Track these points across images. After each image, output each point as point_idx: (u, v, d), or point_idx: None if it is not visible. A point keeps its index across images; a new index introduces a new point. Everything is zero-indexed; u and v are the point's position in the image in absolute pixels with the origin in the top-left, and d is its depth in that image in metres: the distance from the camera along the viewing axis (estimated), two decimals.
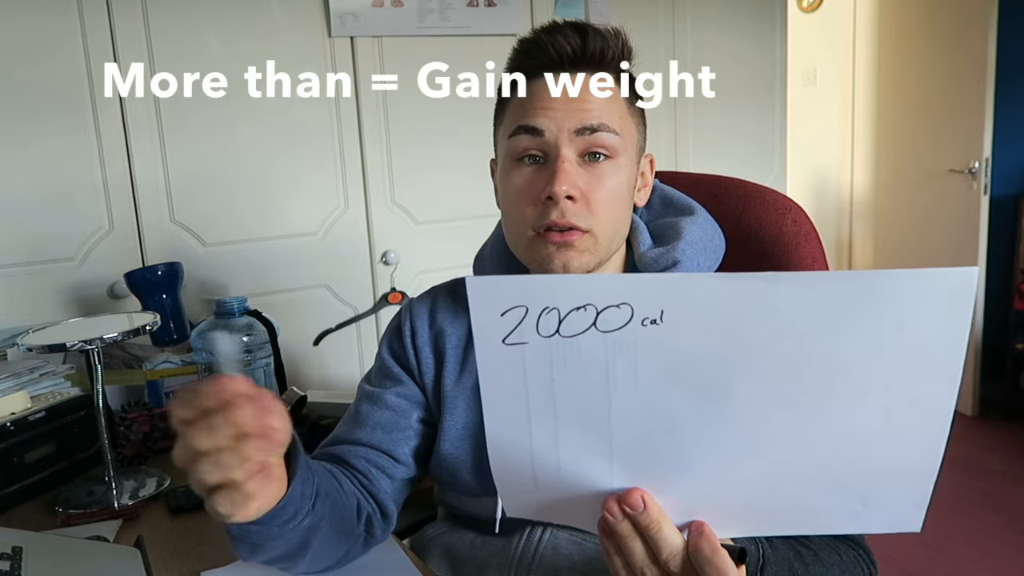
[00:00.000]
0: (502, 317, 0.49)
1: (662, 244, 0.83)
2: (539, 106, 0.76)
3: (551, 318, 0.48)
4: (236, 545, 0.68)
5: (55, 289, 1.66)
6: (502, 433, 0.53)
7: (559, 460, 0.53)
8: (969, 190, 2.99)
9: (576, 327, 0.48)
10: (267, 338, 1.27)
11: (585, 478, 0.54)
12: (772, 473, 0.51)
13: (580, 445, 0.52)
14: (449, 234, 2.06)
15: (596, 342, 0.49)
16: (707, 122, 2.41)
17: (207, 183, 1.79)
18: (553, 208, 0.74)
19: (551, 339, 0.49)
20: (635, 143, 0.81)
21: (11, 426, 1.02)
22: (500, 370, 0.50)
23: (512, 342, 0.49)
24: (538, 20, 2.10)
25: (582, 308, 0.48)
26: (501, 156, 0.82)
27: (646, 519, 0.52)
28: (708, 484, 0.52)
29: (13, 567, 0.75)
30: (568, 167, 0.74)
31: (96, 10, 1.64)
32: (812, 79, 3.81)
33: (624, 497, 0.53)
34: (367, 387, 0.90)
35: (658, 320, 0.47)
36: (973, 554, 2.13)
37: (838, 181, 3.74)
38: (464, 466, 0.84)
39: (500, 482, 0.56)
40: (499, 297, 0.48)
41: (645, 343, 0.48)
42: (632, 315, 0.47)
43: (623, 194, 0.78)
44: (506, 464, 0.54)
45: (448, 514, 0.94)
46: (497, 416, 0.52)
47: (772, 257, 0.96)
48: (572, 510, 0.56)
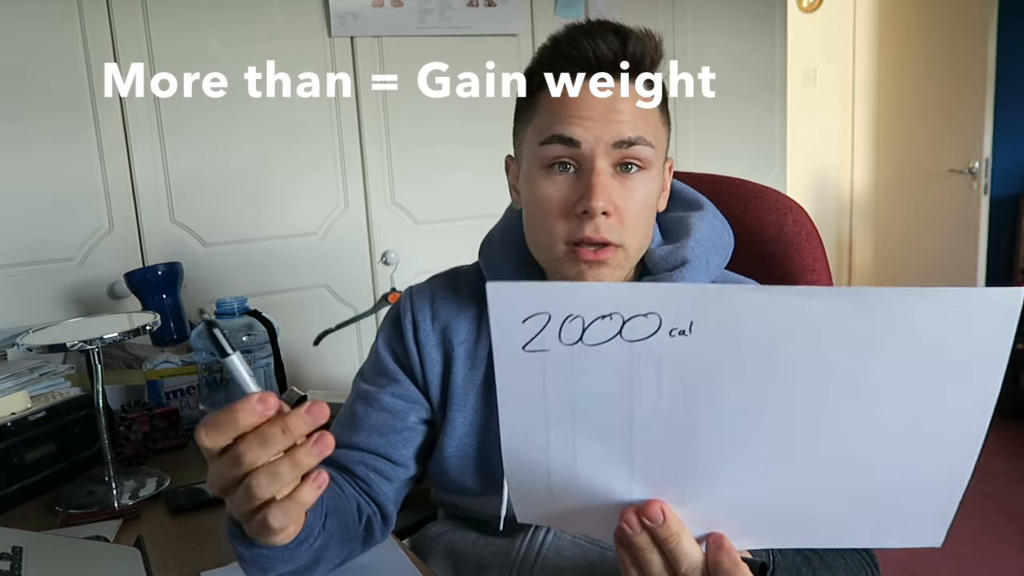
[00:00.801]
0: (523, 324, 0.47)
1: (671, 240, 0.82)
2: (575, 114, 0.72)
3: (575, 326, 0.47)
4: (246, 567, 0.68)
5: (55, 289, 1.66)
6: (519, 440, 0.52)
7: (577, 469, 0.52)
8: (969, 190, 2.99)
9: (600, 335, 0.47)
10: (267, 338, 1.27)
11: (603, 488, 0.53)
12: (794, 486, 0.50)
13: (599, 455, 0.51)
14: (449, 234, 2.05)
15: (621, 351, 0.47)
16: (707, 122, 2.41)
17: (207, 183, 1.79)
18: (588, 223, 0.72)
19: (574, 347, 0.48)
20: (663, 152, 0.79)
21: (11, 426, 1.02)
22: (519, 377, 0.49)
23: (532, 349, 0.48)
24: (538, 20, 2.10)
25: (608, 317, 0.46)
26: (528, 159, 0.78)
27: (665, 531, 0.51)
28: (728, 496, 0.51)
29: (13, 567, 0.75)
30: (604, 180, 0.72)
31: (96, 10, 1.64)
32: (812, 79, 3.81)
33: (643, 509, 0.51)
34: (362, 385, 0.87)
35: (687, 331, 0.46)
36: (975, 554, 2.13)
37: (838, 181, 3.74)
38: (469, 465, 0.83)
39: (514, 489, 0.55)
40: (521, 303, 0.47)
41: (672, 354, 0.47)
42: (660, 325, 0.46)
43: (651, 205, 0.77)
44: (522, 472, 0.53)
45: (449, 514, 0.93)
46: (514, 423, 0.51)
47: (773, 257, 0.96)
48: (588, 519, 0.55)
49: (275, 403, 0.52)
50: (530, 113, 0.78)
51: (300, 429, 0.52)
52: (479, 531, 0.87)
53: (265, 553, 0.64)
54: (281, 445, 0.51)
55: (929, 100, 3.13)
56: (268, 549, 0.63)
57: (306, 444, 0.52)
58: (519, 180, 0.81)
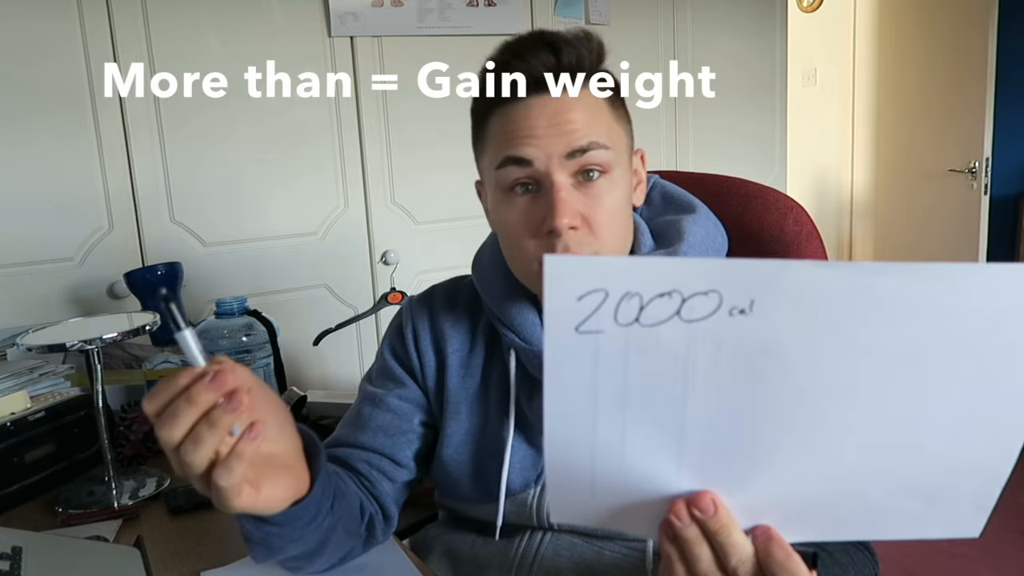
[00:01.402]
0: (579, 301, 0.44)
1: (663, 245, 0.82)
2: (522, 134, 0.72)
3: (632, 304, 0.44)
4: (253, 548, 0.67)
5: (55, 289, 1.66)
6: (562, 431, 0.49)
7: (623, 460, 0.49)
8: (969, 190, 2.99)
9: (658, 316, 0.44)
10: (267, 338, 1.27)
11: (649, 480, 0.50)
12: (846, 473, 0.48)
13: (648, 444, 0.48)
14: (449, 234, 2.05)
15: (679, 332, 0.44)
16: (707, 122, 2.41)
17: (207, 183, 1.79)
18: (557, 241, 0.71)
19: (629, 328, 0.45)
20: (625, 149, 0.78)
21: (11, 426, 1.02)
22: (568, 360, 0.46)
23: (586, 330, 0.45)
24: (538, 20, 2.10)
25: (667, 295, 0.44)
26: (490, 185, 0.78)
27: (716, 523, 0.49)
28: (779, 486, 0.49)
29: (13, 567, 0.74)
30: (565, 195, 0.70)
31: (96, 10, 1.63)
32: (812, 79, 3.81)
33: (694, 500, 0.50)
34: (369, 388, 0.89)
35: (747, 310, 0.43)
36: (974, 554, 2.13)
37: (838, 181, 3.74)
38: (465, 473, 0.83)
39: (553, 486, 0.52)
40: (579, 279, 0.44)
41: (731, 334, 0.44)
42: (720, 303, 0.43)
43: (623, 206, 0.76)
44: (564, 465, 0.50)
45: (450, 515, 0.94)
46: (559, 411, 0.48)
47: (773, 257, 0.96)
48: (630, 516, 0.53)
49: (191, 374, 0.54)
50: (483, 142, 0.78)
51: (205, 397, 0.53)
52: (478, 532, 0.87)
53: (275, 532, 0.64)
54: (191, 415, 0.53)
55: (929, 100, 3.13)
56: (277, 527, 0.63)
57: (221, 405, 0.53)
58: (489, 205, 0.81)
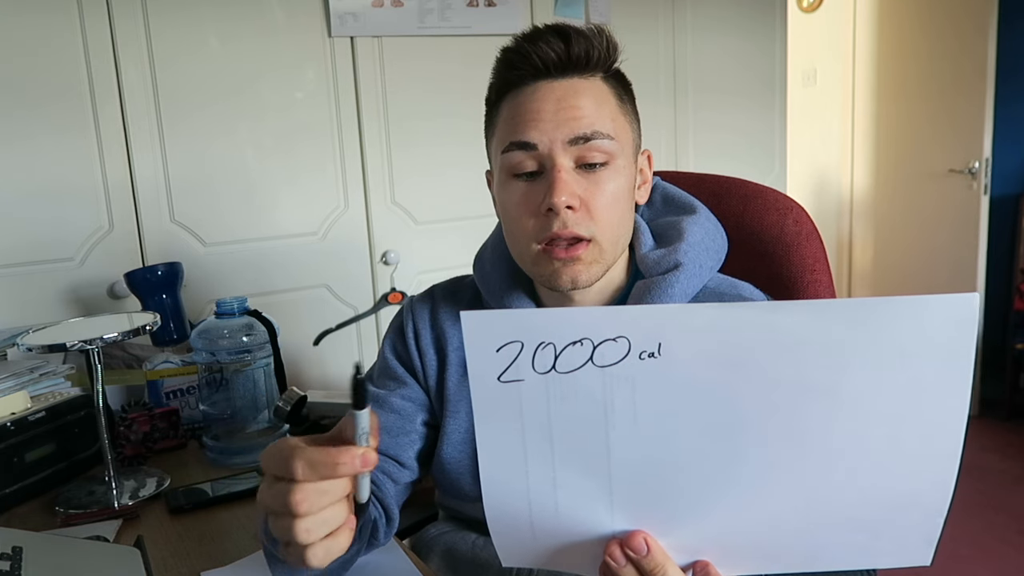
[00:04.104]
0: (497, 353, 0.47)
1: (664, 245, 0.83)
2: (529, 119, 0.74)
3: (547, 353, 0.47)
4: (275, 567, 0.69)
5: (55, 289, 1.66)
6: (498, 476, 0.51)
7: (557, 503, 0.51)
8: (969, 190, 2.99)
9: (573, 362, 0.47)
10: (267, 338, 1.26)
11: (584, 521, 0.52)
12: (779, 508, 0.49)
13: (579, 486, 0.50)
14: (449, 234, 2.05)
15: (593, 377, 0.47)
16: (707, 122, 2.41)
17: (207, 183, 1.79)
18: (554, 219, 0.73)
19: (547, 375, 0.47)
20: (631, 142, 0.79)
21: (11, 426, 1.02)
22: (496, 409, 0.49)
23: (508, 379, 0.48)
24: (538, 20, 2.10)
25: (578, 343, 0.46)
26: (496, 170, 0.80)
27: (650, 563, 0.51)
28: (712, 522, 0.51)
29: (13, 567, 0.74)
30: (565, 176, 0.73)
31: (96, 9, 1.63)
32: (812, 79, 3.81)
33: (626, 541, 0.51)
34: (371, 388, 0.89)
35: (656, 353, 0.46)
36: (974, 554, 2.13)
37: (838, 181, 3.74)
38: (465, 471, 0.83)
39: (496, 532, 0.54)
40: (494, 332, 0.47)
41: (643, 377, 0.46)
42: (629, 349, 0.46)
43: (624, 197, 0.77)
44: (503, 509, 0.52)
45: (450, 516, 0.94)
46: (493, 458, 0.50)
47: (773, 257, 0.96)
48: (571, 556, 0.54)
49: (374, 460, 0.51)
50: (492, 127, 0.80)
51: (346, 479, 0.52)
52: (478, 532, 0.87)
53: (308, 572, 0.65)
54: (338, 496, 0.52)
55: (929, 100, 3.13)
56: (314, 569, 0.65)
57: None
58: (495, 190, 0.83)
